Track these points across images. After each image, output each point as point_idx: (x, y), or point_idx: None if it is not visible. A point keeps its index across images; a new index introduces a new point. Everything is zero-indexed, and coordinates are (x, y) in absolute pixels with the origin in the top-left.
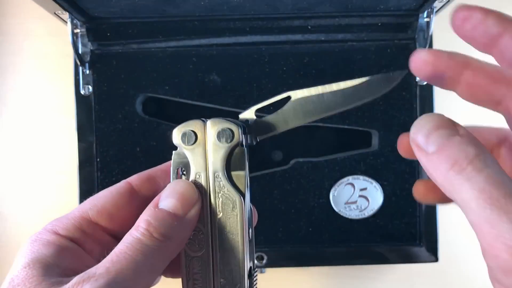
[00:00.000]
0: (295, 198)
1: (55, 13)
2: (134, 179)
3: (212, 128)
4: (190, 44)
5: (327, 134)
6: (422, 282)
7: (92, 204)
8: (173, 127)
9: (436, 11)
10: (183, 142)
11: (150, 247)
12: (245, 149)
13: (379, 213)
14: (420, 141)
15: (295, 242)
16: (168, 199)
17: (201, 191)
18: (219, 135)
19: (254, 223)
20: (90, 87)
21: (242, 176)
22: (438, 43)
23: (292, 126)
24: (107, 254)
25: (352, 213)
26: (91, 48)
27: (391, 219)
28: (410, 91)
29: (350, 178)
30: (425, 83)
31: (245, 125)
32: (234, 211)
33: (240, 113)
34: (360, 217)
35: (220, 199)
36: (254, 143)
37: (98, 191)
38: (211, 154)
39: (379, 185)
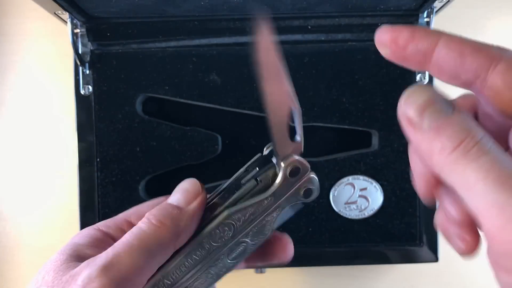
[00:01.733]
0: None
1: (55, 13)
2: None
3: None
4: (190, 44)
5: (327, 134)
6: (422, 282)
7: (135, 210)
8: (173, 127)
9: (436, 11)
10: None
11: (146, 232)
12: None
13: (379, 213)
14: (412, 114)
15: (295, 242)
16: (174, 195)
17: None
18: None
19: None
20: (90, 87)
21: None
22: None
23: None
24: None
25: (352, 213)
26: (91, 48)
27: (391, 219)
28: None
29: (350, 178)
30: (425, 82)
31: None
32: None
33: (239, 113)
34: (360, 217)
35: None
36: None
37: (98, 191)
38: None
39: (379, 185)
